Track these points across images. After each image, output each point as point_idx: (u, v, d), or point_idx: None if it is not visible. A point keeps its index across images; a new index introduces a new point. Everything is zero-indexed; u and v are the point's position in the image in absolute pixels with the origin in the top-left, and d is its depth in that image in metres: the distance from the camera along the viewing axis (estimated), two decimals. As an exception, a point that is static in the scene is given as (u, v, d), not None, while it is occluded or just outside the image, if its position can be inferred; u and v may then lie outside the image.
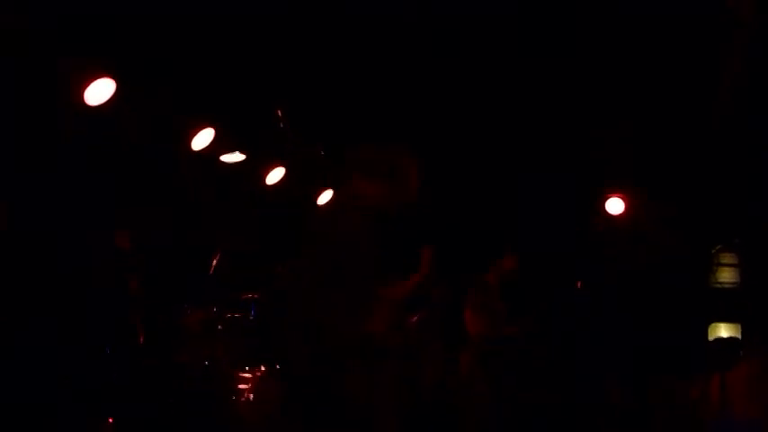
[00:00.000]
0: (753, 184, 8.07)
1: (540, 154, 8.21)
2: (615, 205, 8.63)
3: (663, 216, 8.71)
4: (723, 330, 9.34)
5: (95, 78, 6.12)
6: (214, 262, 7.00)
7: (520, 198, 8.67)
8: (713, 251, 9.55)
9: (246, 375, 6.66)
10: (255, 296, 7.16)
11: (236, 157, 7.99)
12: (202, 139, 7.51)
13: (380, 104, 7.61)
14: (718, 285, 9.52)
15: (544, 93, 7.46)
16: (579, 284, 8.26)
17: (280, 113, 7.00)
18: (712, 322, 9.42)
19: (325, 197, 8.53)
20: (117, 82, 6.21)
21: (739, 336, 8.99)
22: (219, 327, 6.80)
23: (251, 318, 7.06)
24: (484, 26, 6.82)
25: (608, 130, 7.91)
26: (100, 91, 6.20)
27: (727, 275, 9.55)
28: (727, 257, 9.56)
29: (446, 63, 7.27)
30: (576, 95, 7.47)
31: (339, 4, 6.76)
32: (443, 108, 7.73)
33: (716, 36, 6.59)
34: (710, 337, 9.20)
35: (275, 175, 8.46)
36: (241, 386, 6.58)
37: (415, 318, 7.58)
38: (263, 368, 6.70)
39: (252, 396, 6.54)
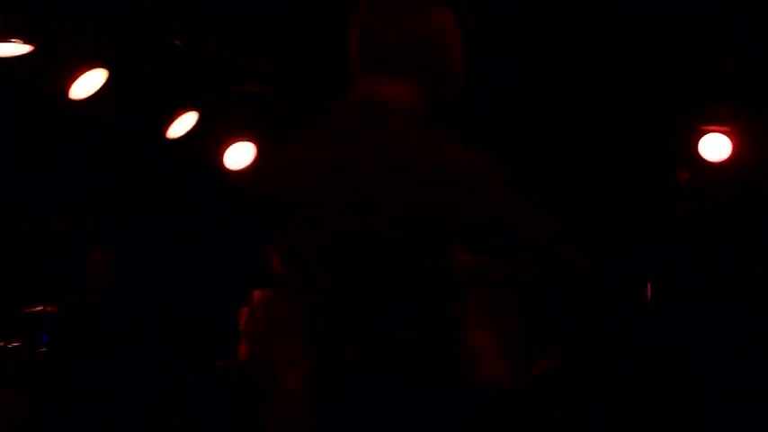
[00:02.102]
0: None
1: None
2: (716, 147, 5.88)
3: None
4: None
5: None
6: None
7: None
8: None
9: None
10: (49, 309, 4.54)
11: (15, 48, 4.76)
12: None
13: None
14: None
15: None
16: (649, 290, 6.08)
17: None
18: None
19: (185, 124, 5.52)
20: None
21: None
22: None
23: (42, 348, 4.43)
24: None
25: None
26: None
27: None
28: None
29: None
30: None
31: None
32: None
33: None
34: None
35: (86, 83, 4.98)
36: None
37: None
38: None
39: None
